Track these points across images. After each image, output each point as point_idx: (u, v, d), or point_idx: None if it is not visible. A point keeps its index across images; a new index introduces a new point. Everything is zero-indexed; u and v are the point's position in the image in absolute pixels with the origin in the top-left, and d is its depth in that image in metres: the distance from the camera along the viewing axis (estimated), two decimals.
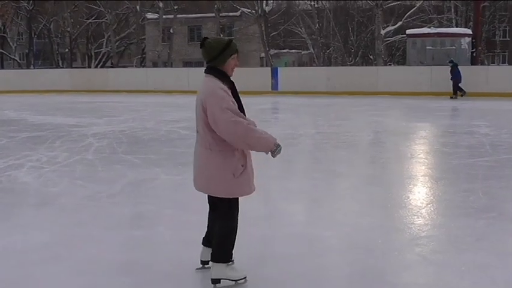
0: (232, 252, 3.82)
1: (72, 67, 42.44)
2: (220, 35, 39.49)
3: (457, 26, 36.82)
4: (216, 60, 3.59)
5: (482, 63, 32.42)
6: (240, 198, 3.77)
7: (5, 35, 47.40)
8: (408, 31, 28.02)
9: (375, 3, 32.33)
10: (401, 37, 34.86)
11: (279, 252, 4.43)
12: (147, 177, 7.29)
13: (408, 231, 4.98)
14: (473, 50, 25.97)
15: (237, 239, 4.09)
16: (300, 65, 45.13)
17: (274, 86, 23.88)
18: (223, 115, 3.45)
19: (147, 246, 4.59)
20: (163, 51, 37.83)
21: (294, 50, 46.93)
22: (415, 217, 5.41)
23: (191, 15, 42.85)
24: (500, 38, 47.46)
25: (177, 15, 40.48)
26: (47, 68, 41.82)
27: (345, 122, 14.07)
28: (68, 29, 43.37)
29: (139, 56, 45.13)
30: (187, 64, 39.84)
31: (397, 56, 46.49)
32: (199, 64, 37.38)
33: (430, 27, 29.32)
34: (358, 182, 7.24)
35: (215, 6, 38.84)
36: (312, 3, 39.90)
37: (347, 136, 11.26)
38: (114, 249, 4.52)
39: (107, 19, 42.67)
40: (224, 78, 3.59)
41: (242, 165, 3.61)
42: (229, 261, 3.80)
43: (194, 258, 4.08)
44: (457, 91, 20.16)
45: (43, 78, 27.26)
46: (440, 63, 23.28)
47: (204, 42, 3.62)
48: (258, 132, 3.51)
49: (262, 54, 39.61)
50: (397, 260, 4.32)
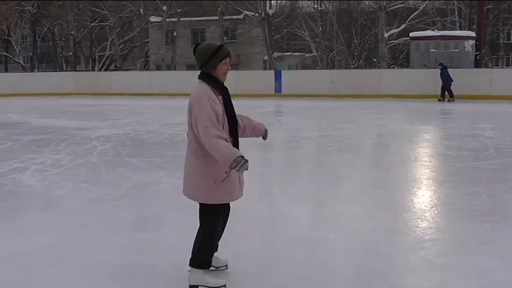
0: (211, 259, 3.80)
1: (76, 70, 42.53)
2: (224, 38, 39.59)
3: (460, 29, 36.81)
4: (206, 65, 3.61)
5: (486, 66, 32.34)
6: (244, 202, 3.77)
7: (9, 38, 47.53)
8: (412, 34, 28.02)
9: (378, 6, 32.36)
10: (405, 40, 34.85)
11: (282, 255, 4.43)
12: (151, 180, 7.30)
13: (412, 235, 4.97)
14: (477, 53, 25.93)
15: (240, 243, 4.09)
16: (303, 67, 45.18)
17: (278, 88, 23.87)
18: (201, 123, 3.48)
19: (152, 249, 4.60)
20: (166, 54, 37.90)
21: (297, 53, 47.00)
22: (419, 220, 5.41)
23: (194, 18, 42.93)
24: (504, 41, 47.41)
25: (181, 19, 40.58)
26: (51, 71, 41.98)
27: (348, 125, 14.06)
28: (72, 32, 43.48)
29: (142, 59, 45.19)
30: (190, 67, 39.83)
31: (400, 59, 46.46)
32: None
33: (433, 30, 29.34)
34: (362, 185, 7.23)
35: (218, 9, 38.94)
36: (315, 6, 39.93)
37: (351, 139, 11.25)
38: (118, 252, 4.53)
39: (110, 22, 42.80)
40: (215, 84, 3.61)
41: (226, 173, 3.59)
42: (207, 267, 3.77)
43: None
44: (445, 93, 20.04)
45: (47, 81, 27.30)
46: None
47: (195, 48, 3.67)
48: (220, 148, 3.45)
49: (266, 57, 39.65)
50: (401, 264, 4.31)
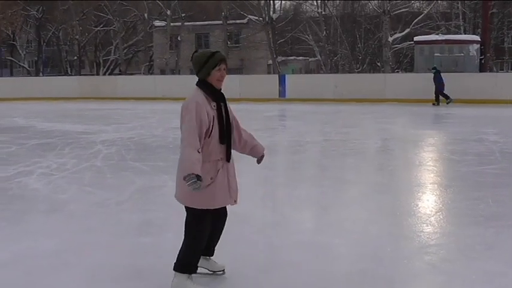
0: (195, 265, 3.76)
1: (80, 74, 42.72)
2: (228, 43, 39.67)
3: (465, 33, 36.76)
4: (200, 72, 3.68)
5: (491, 70, 32.27)
6: (248, 206, 3.77)
7: (14, 42, 47.77)
8: (416, 38, 28.00)
9: (382, 10, 32.37)
10: (409, 44, 34.84)
11: (286, 259, 4.42)
12: (156, 184, 7.30)
13: (417, 239, 4.96)
14: (482, 57, 25.89)
15: (244, 247, 4.08)
16: (307, 72, 45.21)
17: (282, 93, 23.89)
18: (182, 128, 3.59)
19: (156, 252, 4.59)
20: (171, 59, 37.98)
21: (301, 57, 47.02)
22: (424, 225, 5.39)
23: (199, 23, 43.05)
24: (509, 45, 47.22)
25: (185, 23, 40.69)
26: (55, 76, 42.18)
27: (352, 129, 14.05)
28: (77, 36, 43.63)
29: (147, 64, 45.31)
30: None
31: (404, 63, 46.46)
32: None
33: (438, 34, 29.29)
34: (367, 189, 7.22)
35: (222, 13, 39.04)
36: (319, 10, 39.97)
37: (355, 143, 11.24)
38: (123, 255, 4.53)
39: (115, 27, 42.97)
40: (209, 90, 3.66)
41: (211, 178, 3.60)
42: (190, 272, 3.73)
43: None
44: (439, 98, 20.08)
45: (52, 85, 27.42)
46: (449, 71, 23.21)
47: (192, 55, 3.74)
48: (184, 156, 3.50)
49: (270, 62, 39.71)
50: (406, 269, 4.30)
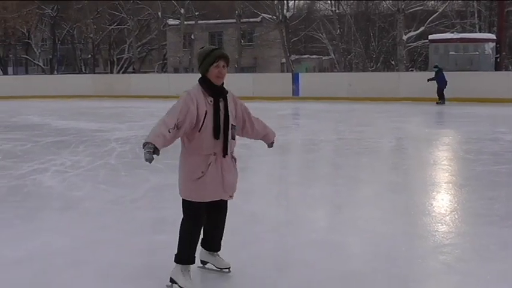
0: (192, 257, 3.83)
1: (94, 73, 42.95)
2: (241, 41, 39.68)
3: (480, 31, 36.43)
4: (200, 68, 3.77)
5: (507, 69, 31.93)
6: (262, 204, 3.78)
7: (29, 41, 48.15)
8: (431, 36, 27.81)
9: (396, 9, 32.18)
10: (424, 42, 34.59)
11: (300, 259, 4.41)
12: (170, 182, 7.29)
13: (432, 239, 4.93)
14: (497, 56, 25.66)
15: (258, 245, 4.07)
16: (321, 70, 45.11)
17: (295, 91, 23.85)
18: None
19: (170, 250, 4.58)
20: (184, 57, 38.07)
21: (314, 56, 46.92)
22: (439, 224, 5.36)
23: (212, 21, 43.09)
24: None
25: (198, 21, 40.77)
26: (70, 74, 42.43)
27: (366, 128, 13.99)
28: (91, 35, 43.89)
29: (160, 62, 45.47)
30: None
31: (419, 62, 46.14)
32: None
33: (453, 33, 29.08)
34: (381, 188, 7.19)
35: (236, 12, 39.05)
36: (333, 9, 39.85)
37: (369, 142, 11.19)
38: (137, 253, 4.55)
39: (129, 25, 43.16)
40: (206, 85, 3.72)
41: (202, 172, 3.68)
42: (183, 263, 3.81)
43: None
44: (444, 96, 20.00)
45: (66, 83, 27.63)
46: (464, 69, 23.04)
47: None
48: (152, 130, 3.72)
49: (283, 60, 39.65)
50: (420, 268, 4.28)
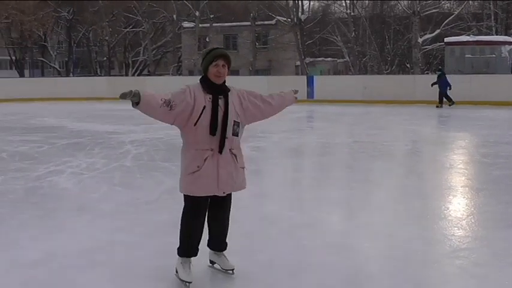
0: (192, 250, 3.92)
1: (110, 75, 43.24)
2: (256, 44, 39.73)
3: (497, 34, 36.12)
4: (202, 67, 3.89)
5: None
6: (277, 207, 3.77)
7: (45, 43, 48.63)
8: (447, 39, 27.66)
9: (412, 11, 32.03)
10: (439, 45, 34.38)
11: (315, 262, 4.39)
12: None
13: (448, 243, 4.88)
14: None
15: (273, 249, 4.04)
16: (336, 73, 44.97)
17: (310, 94, 23.82)
18: None
19: None
20: (199, 60, 38.12)
21: (329, 58, 46.82)
22: (455, 229, 5.31)
23: (227, 24, 43.19)
24: None
25: (213, 24, 40.90)
26: (85, 76, 42.76)
27: (382, 131, 13.92)
28: (106, 37, 44.24)
29: (175, 65, 45.68)
30: None
31: (434, 65, 45.81)
32: (234, 72, 37.63)
33: (469, 35, 28.86)
34: (396, 192, 7.15)
35: (251, 14, 39.13)
36: (348, 11, 39.76)
37: (384, 145, 11.13)
38: (152, 255, 4.55)
39: (144, 28, 43.42)
40: (205, 83, 3.82)
41: (197, 166, 3.75)
42: (181, 256, 3.93)
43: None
44: (443, 100, 19.93)
45: (82, 85, 27.83)
46: (480, 72, 22.86)
47: None
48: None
49: (298, 63, 39.63)
50: (437, 273, 4.24)
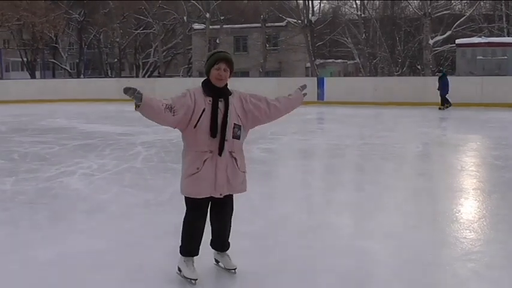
0: (194, 250, 3.99)
1: (120, 76, 43.40)
2: (266, 45, 39.73)
3: (508, 35, 35.86)
4: (205, 69, 3.96)
5: None
6: (287, 209, 3.76)
7: (56, 45, 48.89)
8: (458, 41, 27.51)
9: (423, 13, 31.89)
10: (450, 47, 34.19)
11: (326, 264, 4.38)
12: None
13: (460, 246, 4.85)
14: None
15: (283, 251, 4.03)
16: (346, 75, 44.86)
17: (320, 96, 23.77)
18: None
19: None
20: None
21: (339, 60, 46.66)
22: (467, 231, 5.27)
23: (237, 26, 43.21)
24: None
25: (223, 26, 40.93)
26: (96, 78, 42.95)
27: (392, 133, 13.87)
28: (117, 39, 44.40)
29: (185, 66, 45.75)
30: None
31: (445, 66, 45.58)
32: (244, 74, 37.68)
33: (480, 37, 28.69)
34: (407, 194, 7.11)
35: (261, 16, 39.11)
36: (359, 13, 39.66)
37: (395, 147, 11.08)
38: (162, 257, 4.56)
39: (154, 30, 43.52)
40: (206, 86, 3.90)
41: (197, 168, 3.81)
42: (184, 255, 4.02)
43: (241, 266, 4.10)
44: (447, 101, 19.82)
45: (92, 87, 27.96)
46: (492, 74, 22.71)
47: None
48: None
49: (308, 64, 39.56)
50: (448, 276, 4.21)
